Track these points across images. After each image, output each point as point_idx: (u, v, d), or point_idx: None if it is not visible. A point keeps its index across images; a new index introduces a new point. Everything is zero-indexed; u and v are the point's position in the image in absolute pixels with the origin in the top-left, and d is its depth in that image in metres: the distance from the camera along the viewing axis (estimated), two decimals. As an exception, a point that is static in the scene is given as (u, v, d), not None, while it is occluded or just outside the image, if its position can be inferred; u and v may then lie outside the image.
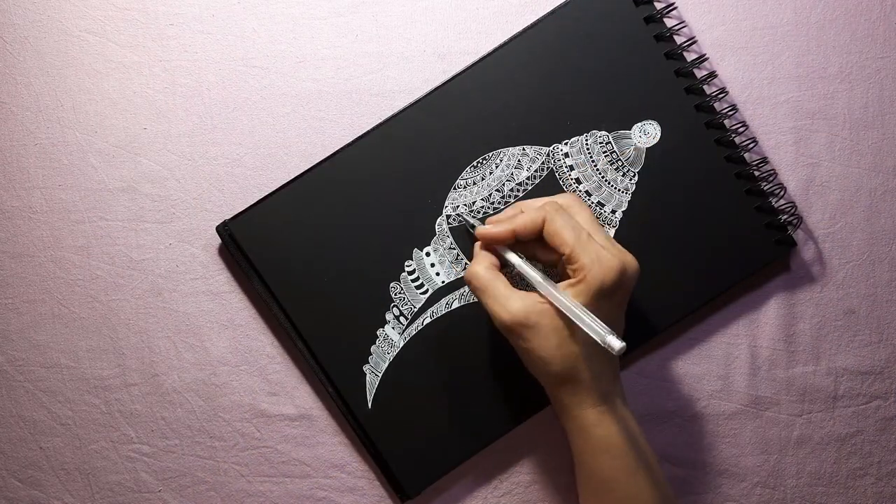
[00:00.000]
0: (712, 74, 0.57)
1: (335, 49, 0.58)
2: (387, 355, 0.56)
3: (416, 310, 0.56)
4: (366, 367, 0.56)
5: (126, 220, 0.57)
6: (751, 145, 0.57)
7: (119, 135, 0.57)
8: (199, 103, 0.57)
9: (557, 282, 0.49)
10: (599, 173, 0.56)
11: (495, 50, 0.56)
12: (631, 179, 0.56)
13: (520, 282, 0.53)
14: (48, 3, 0.57)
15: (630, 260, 0.50)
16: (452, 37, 0.58)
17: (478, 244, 0.52)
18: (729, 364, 0.58)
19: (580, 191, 0.56)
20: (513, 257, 0.51)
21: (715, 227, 0.56)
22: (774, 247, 0.57)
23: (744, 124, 0.57)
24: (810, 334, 0.58)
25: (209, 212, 0.57)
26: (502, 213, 0.53)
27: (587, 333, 0.47)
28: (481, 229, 0.52)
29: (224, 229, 0.56)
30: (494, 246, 0.52)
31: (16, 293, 0.57)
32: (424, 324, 0.56)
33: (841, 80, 0.58)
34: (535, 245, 0.51)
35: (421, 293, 0.56)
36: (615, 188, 0.56)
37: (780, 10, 0.58)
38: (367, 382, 0.56)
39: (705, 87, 0.57)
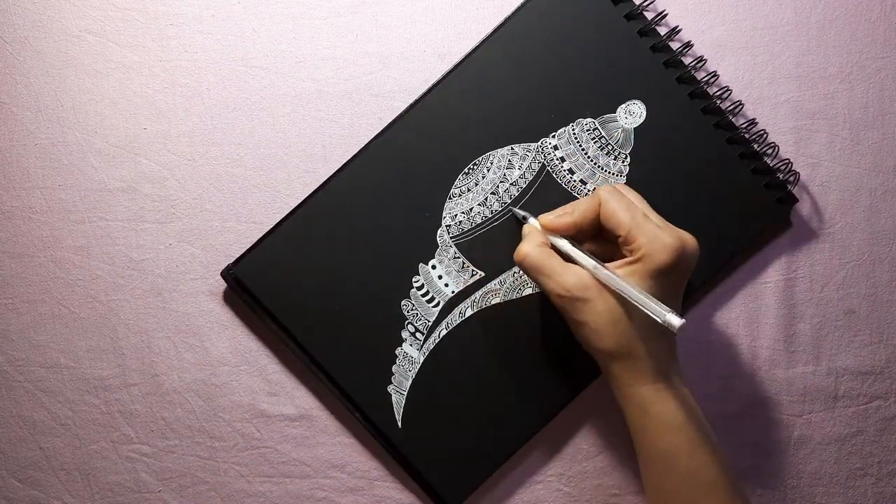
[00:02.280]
0: (688, 45, 0.56)
1: (335, 49, 0.58)
2: (409, 373, 0.56)
3: (430, 324, 0.56)
4: (390, 388, 0.56)
5: (126, 220, 0.57)
6: (737, 109, 0.56)
7: (119, 135, 0.57)
8: (199, 103, 0.57)
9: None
10: (591, 160, 0.56)
11: (468, 56, 0.56)
12: (623, 162, 0.56)
13: None
14: (48, 3, 0.57)
15: (689, 239, 0.49)
16: (452, 37, 0.58)
17: (525, 227, 0.53)
18: (729, 364, 0.58)
19: (574, 181, 0.56)
20: (564, 244, 0.51)
21: (714, 196, 0.56)
22: (776, 206, 0.57)
23: (727, 89, 0.57)
24: (810, 334, 0.58)
25: (209, 212, 0.57)
26: (558, 209, 0.53)
27: (644, 312, 0.46)
28: (544, 217, 0.52)
29: (230, 274, 0.56)
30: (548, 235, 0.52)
31: (16, 293, 0.57)
32: (441, 336, 0.56)
33: (841, 80, 0.58)
34: (588, 241, 0.52)
35: (433, 307, 0.56)
36: (609, 173, 0.56)
37: (780, 10, 0.58)
38: (394, 402, 0.56)
39: (682, 59, 0.56)
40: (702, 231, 0.55)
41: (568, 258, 0.51)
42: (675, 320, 0.45)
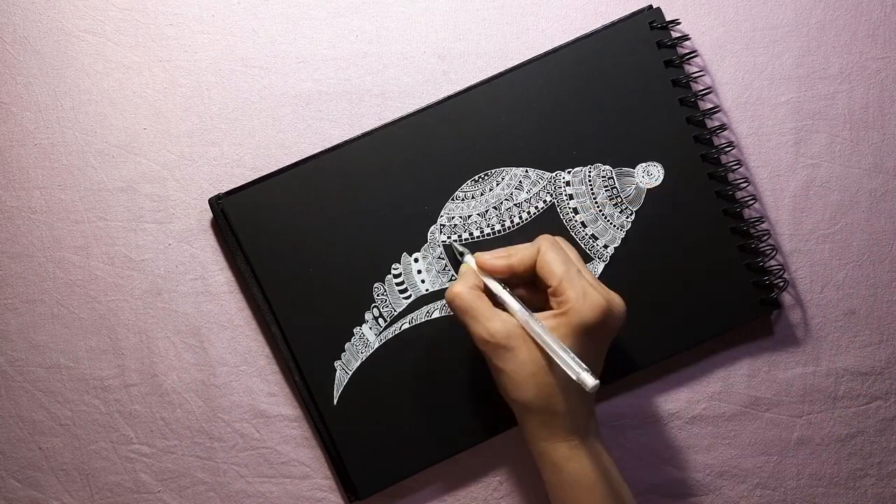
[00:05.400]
0: (722, 127, 0.57)
1: (335, 49, 0.58)
2: (360, 354, 0.56)
3: (395, 314, 0.56)
4: (337, 363, 0.56)
5: (126, 220, 0.57)
6: (750, 202, 0.57)
7: (119, 135, 0.57)
8: (199, 103, 0.57)
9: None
10: (598, 206, 0.56)
11: (513, 68, 0.56)
12: (628, 217, 0.56)
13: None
14: (48, 3, 0.57)
15: (617, 302, 0.50)
16: (452, 38, 0.58)
17: (462, 266, 0.53)
18: (728, 365, 0.58)
19: (575, 220, 0.56)
20: (495, 286, 0.51)
21: (702, 277, 0.56)
22: (758, 306, 0.57)
23: (746, 180, 0.57)
24: (810, 335, 0.58)
25: (209, 213, 0.57)
26: (496, 251, 0.53)
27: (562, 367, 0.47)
28: (480, 256, 0.52)
29: (217, 203, 0.56)
30: (481, 274, 0.52)
31: (15, 293, 0.57)
32: (402, 329, 0.56)
33: (841, 80, 0.58)
34: (521, 286, 0.52)
35: (403, 298, 0.56)
36: (611, 223, 0.56)
37: (781, 11, 0.58)
38: (337, 378, 0.56)
39: (714, 138, 0.57)
40: (679, 306, 0.56)
41: (497, 303, 0.50)
42: (589, 380, 0.45)
